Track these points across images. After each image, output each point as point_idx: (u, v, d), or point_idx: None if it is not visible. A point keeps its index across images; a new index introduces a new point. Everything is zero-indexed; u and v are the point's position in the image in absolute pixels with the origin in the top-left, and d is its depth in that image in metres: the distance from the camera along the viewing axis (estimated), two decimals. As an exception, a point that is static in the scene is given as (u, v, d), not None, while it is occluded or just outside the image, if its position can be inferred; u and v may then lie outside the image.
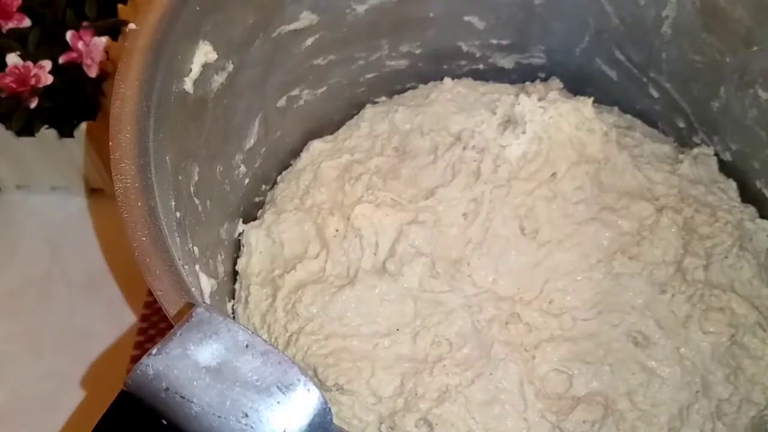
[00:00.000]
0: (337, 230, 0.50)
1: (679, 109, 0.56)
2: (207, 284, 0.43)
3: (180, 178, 0.42)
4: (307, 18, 0.52)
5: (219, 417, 0.29)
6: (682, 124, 0.57)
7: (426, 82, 0.60)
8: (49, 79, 0.59)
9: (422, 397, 0.45)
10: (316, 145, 0.57)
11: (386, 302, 0.48)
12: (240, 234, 0.53)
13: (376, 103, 0.60)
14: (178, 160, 0.42)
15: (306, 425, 0.29)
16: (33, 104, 0.59)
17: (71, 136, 0.60)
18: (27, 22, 0.61)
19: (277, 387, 0.29)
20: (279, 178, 0.57)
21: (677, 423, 0.45)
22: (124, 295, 0.62)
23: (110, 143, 0.38)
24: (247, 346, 0.30)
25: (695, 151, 0.55)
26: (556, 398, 0.46)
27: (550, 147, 0.53)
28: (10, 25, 0.60)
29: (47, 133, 0.60)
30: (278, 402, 0.29)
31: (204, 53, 0.44)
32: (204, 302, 0.31)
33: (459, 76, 0.60)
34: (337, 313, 0.48)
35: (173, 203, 0.40)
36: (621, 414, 0.45)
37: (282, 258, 0.51)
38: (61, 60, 0.60)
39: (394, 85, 0.60)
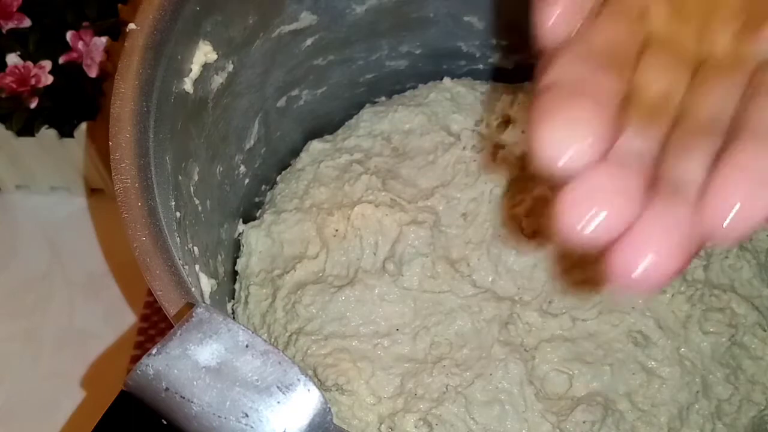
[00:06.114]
0: (336, 230, 0.50)
1: (678, 109, 0.56)
2: (207, 284, 0.43)
3: (180, 178, 0.42)
4: (307, 18, 0.52)
5: (219, 417, 0.29)
6: (681, 124, 0.57)
7: (426, 82, 0.60)
8: (49, 79, 0.59)
9: (422, 397, 0.45)
10: (316, 145, 0.57)
11: (386, 302, 0.48)
12: (240, 234, 0.53)
13: (376, 103, 0.60)
14: (178, 160, 0.42)
15: (306, 425, 0.29)
16: (33, 104, 0.59)
17: (71, 136, 0.60)
18: (27, 22, 0.61)
19: (277, 387, 0.29)
20: (279, 178, 0.57)
21: (677, 423, 0.45)
22: (124, 295, 0.62)
23: (110, 143, 0.37)
24: (247, 346, 0.30)
25: (695, 151, 0.55)
26: (556, 398, 0.46)
27: (549, 147, 0.53)
28: (10, 25, 0.60)
29: (47, 133, 0.60)
30: (278, 402, 0.29)
31: (204, 53, 0.44)
32: (204, 302, 0.31)
33: (459, 76, 0.60)
34: (337, 314, 0.48)
35: (173, 203, 0.40)
36: (621, 414, 0.45)
37: (282, 258, 0.51)
38: (61, 60, 0.60)
39: (394, 85, 0.60)
